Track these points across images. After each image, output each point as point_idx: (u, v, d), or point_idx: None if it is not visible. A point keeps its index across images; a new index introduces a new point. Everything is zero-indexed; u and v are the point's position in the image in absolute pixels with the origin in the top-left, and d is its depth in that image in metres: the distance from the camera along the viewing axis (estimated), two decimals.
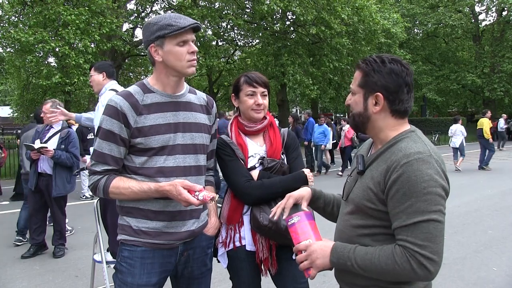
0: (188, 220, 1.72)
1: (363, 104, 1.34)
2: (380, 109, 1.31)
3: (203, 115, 1.78)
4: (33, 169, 4.50)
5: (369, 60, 1.33)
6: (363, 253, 1.26)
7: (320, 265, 1.33)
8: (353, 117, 1.39)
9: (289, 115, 11.03)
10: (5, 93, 36.26)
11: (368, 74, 1.31)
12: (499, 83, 26.91)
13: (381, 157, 1.31)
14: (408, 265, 1.18)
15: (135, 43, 16.59)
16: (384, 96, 1.30)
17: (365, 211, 1.31)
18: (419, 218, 1.17)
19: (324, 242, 1.36)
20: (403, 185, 1.19)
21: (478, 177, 10.18)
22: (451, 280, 3.74)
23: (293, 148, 2.09)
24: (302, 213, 1.42)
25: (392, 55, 1.35)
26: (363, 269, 1.25)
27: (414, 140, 1.28)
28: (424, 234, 1.17)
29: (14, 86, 25.25)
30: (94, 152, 1.65)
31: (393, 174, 1.21)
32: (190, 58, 1.62)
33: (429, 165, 1.20)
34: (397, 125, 1.34)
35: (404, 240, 1.19)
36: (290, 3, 14.74)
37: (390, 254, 1.21)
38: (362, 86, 1.34)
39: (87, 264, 4.00)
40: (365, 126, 1.37)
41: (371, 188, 1.28)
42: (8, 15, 14.13)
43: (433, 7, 28.30)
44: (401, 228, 1.20)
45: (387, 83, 1.29)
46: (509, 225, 5.66)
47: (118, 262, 1.71)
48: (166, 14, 1.62)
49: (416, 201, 1.18)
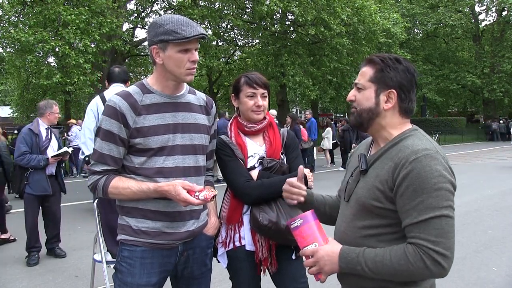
0: (188, 220, 1.72)
1: (374, 99, 1.32)
2: (392, 106, 1.31)
3: (202, 115, 1.78)
4: (43, 175, 4.32)
5: (384, 57, 1.33)
6: (372, 256, 1.23)
7: (329, 270, 1.31)
8: (359, 113, 1.35)
9: (287, 115, 10.87)
10: (5, 93, 36.25)
11: (383, 70, 1.30)
12: (499, 83, 26.94)
13: (385, 155, 1.30)
14: (422, 263, 1.16)
15: (135, 43, 16.62)
16: (398, 93, 1.30)
17: (371, 211, 1.30)
18: (431, 214, 1.17)
19: (331, 247, 1.32)
20: (413, 181, 1.18)
21: (478, 177, 10.18)
22: (451, 280, 3.74)
23: (292, 148, 2.10)
24: (305, 215, 1.38)
25: (398, 56, 1.36)
26: (374, 272, 1.23)
27: (419, 138, 1.28)
28: (437, 230, 1.16)
29: (14, 86, 25.28)
30: (93, 152, 1.65)
31: (402, 171, 1.20)
32: (190, 66, 1.61)
33: (437, 161, 1.20)
34: (401, 123, 1.34)
35: (417, 238, 1.18)
36: (289, 3, 14.74)
37: (402, 254, 1.19)
38: (374, 81, 1.32)
39: (87, 264, 4.00)
40: (370, 123, 1.35)
41: (378, 186, 1.27)
42: (8, 15, 14.13)
43: (433, 7, 28.31)
44: (413, 225, 1.19)
45: (402, 80, 1.30)
46: (509, 225, 5.66)
47: (118, 262, 1.71)
48: (174, 18, 1.58)
49: (427, 197, 1.17)
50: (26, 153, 4.22)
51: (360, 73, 1.36)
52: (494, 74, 27.41)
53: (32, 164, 4.21)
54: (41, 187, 4.32)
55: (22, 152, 4.22)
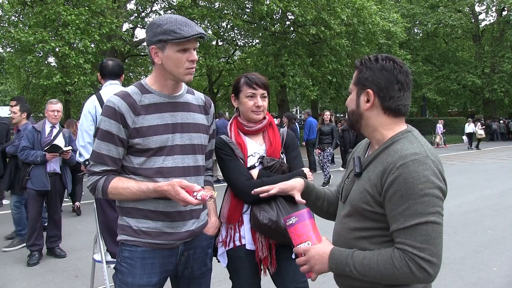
0: (188, 220, 1.72)
1: (355, 101, 1.35)
2: (371, 105, 1.31)
3: (201, 115, 1.78)
4: (42, 170, 4.42)
5: (364, 58, 1.35)
6: (361, 258, 1.25)
7: (319, 270, 1.34)
8: (349, 116, 1.39)
9: (284, 115, 10.74)
10: (5, 93, 36.25)
11: (361, 71, 1.33)
12: (499, 83, 26.93)
13: (377, 159, 1.30)
14: (407, 269, 1.17)
15: (135, 43, 16.62)
16: (375, 92, 1.30)
17: (362, 214, 1.30)
18: (417, 221, 1.16)
19: (322, 247, 1.34)
20: (399, 187, 1.18)
21: (478, 177, 10.18)
22: (451, 280, 3.74)
23: (292, 148, 2.10)
24: (300, 213, 1.41)
25: (388, 54, 1.36)
26: (362, 274, 1.25)
27: (410, 141, 1.27)
28: (423, 237, 1.16)
29: (14, 86, 25.29)
30: (92, 153, 1.65)
31: (390, 176, 1.20)
32: (188, 66, 1.61)
33: (426, 166, 1.19)
34: (391, 124, 1.33)
35: (403, 243, 1.19)
36: (289, 3, 14.75)
37: (388, 259, 1.20)
38: (355, 83, 1.35)
39: (87, 264, 4.00)
40: (358, 124, 1.37)
41: (368, 190, 1.27)
42: (8, 15, 14.15)
43: (433, 7, 28.29)
44: (399, 231, 1.20)
45: (377, 79, 1.30)
46: (509, 225, 5.66)
47: (118, 263, 1.71)
48: (172, 17, 1.58)
49: (413, 203, 1.17)
50: (25, 148, 4.36)
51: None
52: (494, 74, 27.41)
53: (30, 159, 4.33)
54: (40, 182, 4.40)
55: (22, 147, 4.38)
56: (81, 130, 3.35)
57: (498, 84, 26.97)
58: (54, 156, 4.44)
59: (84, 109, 3.37)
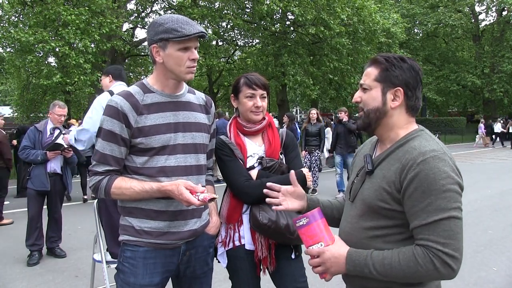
0: (190, 220, 1.72)
1: (381, 98, 1.32)
2: (399, 104, 1.31)
3: (202, 114, 1.79)
4: (42, 170, 4.41)
5: (388, 56, 1.34)
6: (381, 259, 1.23)
7: (335, 272, 1.32)
8: (367, 114, 1.35)
9: (285, 115, 10.59)
10: (5, 93, 36.24)
11: (389, 69, 1.31)
12: (499, 84, 26.92)
13: (391, 156, 1.30)
14: (431, 265, 1.16)
15: (135, 43, 16.60)
16: (404, 91, 1.31)
17: (377, 212, 1.29)
18: (440, 216, 1.17)
19: (338, 249, 1.31)
20: (421, 183, 1.18)
21: (478, 177, 10.18)
22: (451, 280, 3.74)
23: (291, 148, 2.10)
24: (311, 213, 1.35)
25: (400, 54, 1.37)
26: (383, 275, 1.23)
27: (426, 139, 1.28)
28: (446, 232, 1.16)
29: (14, 86, 25.27)
30: (95, 152, 1.65)
31: (410, 172, 1.20)
32: (190, 64, 1.62)
33: (445, 162, 1.20)
34: (408, 123, 1.34)
35: (426, 239, 1.18)
36: (289, 3, 14.75)
37: (411, 256, 1.19)
38: (380, 80, 1.32)
39: (87, 264, 4.00)
40: (379, 123, 1.35)
41: (385, 187, 1.26)
42: (8, 15, 14.13)
43: (433, 7, 28.27)
44: (421, 227, 1.19)
45: (408, 78, 1.30)
46: (509, 225, 5.66)
47: (120, 263, 1.71)
48: (173, 17, 1.59)
49: (435, 198, 1.17)
50: (26, 148, 4.38)
51: (365, 73, 1.37)
52: (494, 74, 27.40)
53: (31, 158, 4.34)
54: (40, 182, 4.40)
55: (23, 147, 4.41)
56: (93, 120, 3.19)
57: (498, 84, 26.96)
58: (55, 154, 4.44)
59: (96, 104, 3.29)
